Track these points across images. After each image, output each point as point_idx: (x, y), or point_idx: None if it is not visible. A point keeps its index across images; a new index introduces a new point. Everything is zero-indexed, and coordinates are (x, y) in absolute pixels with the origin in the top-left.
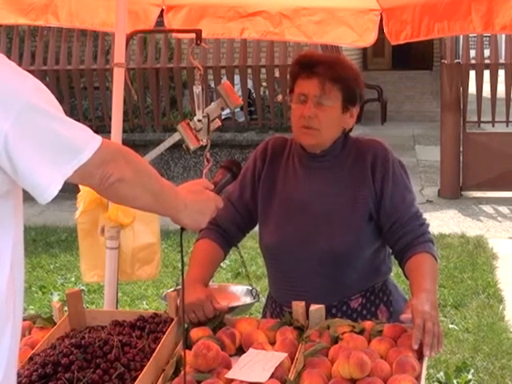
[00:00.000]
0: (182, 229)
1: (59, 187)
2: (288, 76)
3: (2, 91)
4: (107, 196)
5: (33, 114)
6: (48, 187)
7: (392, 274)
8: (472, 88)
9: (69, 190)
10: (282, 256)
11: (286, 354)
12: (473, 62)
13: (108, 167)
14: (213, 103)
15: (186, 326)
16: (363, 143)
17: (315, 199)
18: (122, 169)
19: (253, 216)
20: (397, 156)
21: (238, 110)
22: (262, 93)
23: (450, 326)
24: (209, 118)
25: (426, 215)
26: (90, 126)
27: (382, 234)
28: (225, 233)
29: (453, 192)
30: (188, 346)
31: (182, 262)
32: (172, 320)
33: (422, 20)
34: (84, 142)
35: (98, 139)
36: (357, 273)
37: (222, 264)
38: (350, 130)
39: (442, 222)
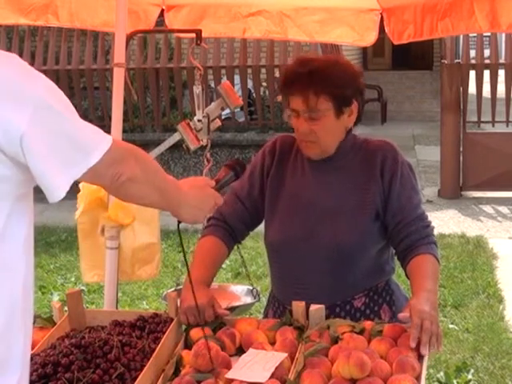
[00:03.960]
0: (179, 222)
1: (67, 189)
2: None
3: (16, 91)
4: (117, 195)
5: (46, 114)
6: (57, 188)
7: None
8: (472, 88)
9: (69, 190)
10: (287, 253)
11: (285, 354)
12: (473, 62)
13: (118, 167)
14: (213, 103)
15: (185, 326)
16: (373, 143)
17: (322, 197)
18: (132, 168)
19: (260, 213)
20: None
21: (238, 109)
22: (261, 93)
23: (450, 325)
24: (209, 118)
25: None
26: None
27: (386, 234)
28: (231, 229)
29: (453, 192)
30: (188, 345)
31: (185, 255)
32: (172, 320)
33: (425, 19)
34: (94, 143)
35: (107, 140)
36: (361, 272)
37: None
38: (355, 124)
39: (441, 222)
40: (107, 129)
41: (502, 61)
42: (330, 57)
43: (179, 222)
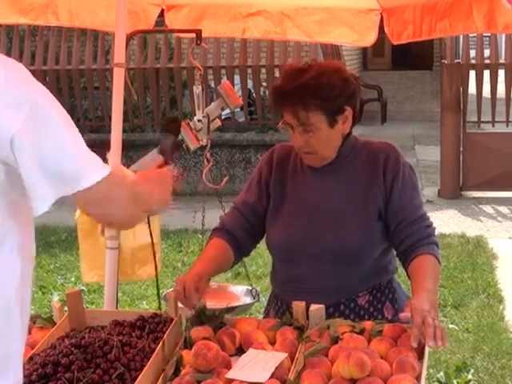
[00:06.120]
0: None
1: (50, 205)
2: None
3: (12, 94)
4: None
5: (42, 122)
6: (40, 202)
7: None
8: (472, 88)
9: None
10: (290, 255)
11: (285, 354)
12: (473, 62)
13: (110, 206)
14: (213, 103)
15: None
16: (375, 145)
17: (325, 199)
18: (120, 211)
19: (262, 223)
20: None
21: (238, 109)
22: (262, 93)
23: (450, 325)
24: (209, 118)
25: None
26: (90, 126)
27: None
28: (234, 237)
29: (453, 192)
30: (188, 345)
31: (153, 245)
32: (172, 320)
33: (424, 20)
34: (89, 168)
35: (102, 170)
36: (365, 272)
37: None
38: (354, 125)
39: (441, 222)
40: (107, 129)
41: (502, 61)
42: (318, 66)
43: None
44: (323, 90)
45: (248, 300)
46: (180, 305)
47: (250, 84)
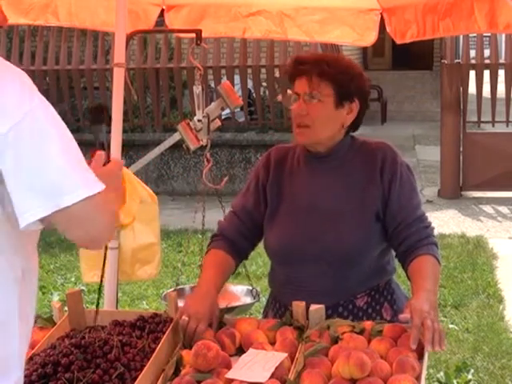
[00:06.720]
0: None
1: (33, 219)
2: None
3: (5, 102)
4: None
5: (32, 135)
6: (22, 215)
7: None
8: (472, 88)
9: None
10: (289, 256)
11: (285, 354)
12: (473, 62)
13: (82, 226)
14: (213, 103)
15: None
16: (372, 145)
17: (322, 199)
18: (95, 232)
19: (259, 227)
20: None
21: (238, 109)
22: (261, 93)
23: (450, 325)
24: (209, 118)
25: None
26: (91, 126)
27: (387, 235)
28: (231, 243)
29: (453, 192)
30: (188, 346)
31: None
32: (172, 320)
33: (426, 19)
34: (75, 184)
35: (98, 186)
36: (364, 273)
37: None
38: (355, 128)
39: (441, 222)
40: (107, 128)
41: (502, 61)
42: (341, 55)
43: None
44: (340, 67)
45: (248, 300)
46: (180, 304)
47: (250, 84)
